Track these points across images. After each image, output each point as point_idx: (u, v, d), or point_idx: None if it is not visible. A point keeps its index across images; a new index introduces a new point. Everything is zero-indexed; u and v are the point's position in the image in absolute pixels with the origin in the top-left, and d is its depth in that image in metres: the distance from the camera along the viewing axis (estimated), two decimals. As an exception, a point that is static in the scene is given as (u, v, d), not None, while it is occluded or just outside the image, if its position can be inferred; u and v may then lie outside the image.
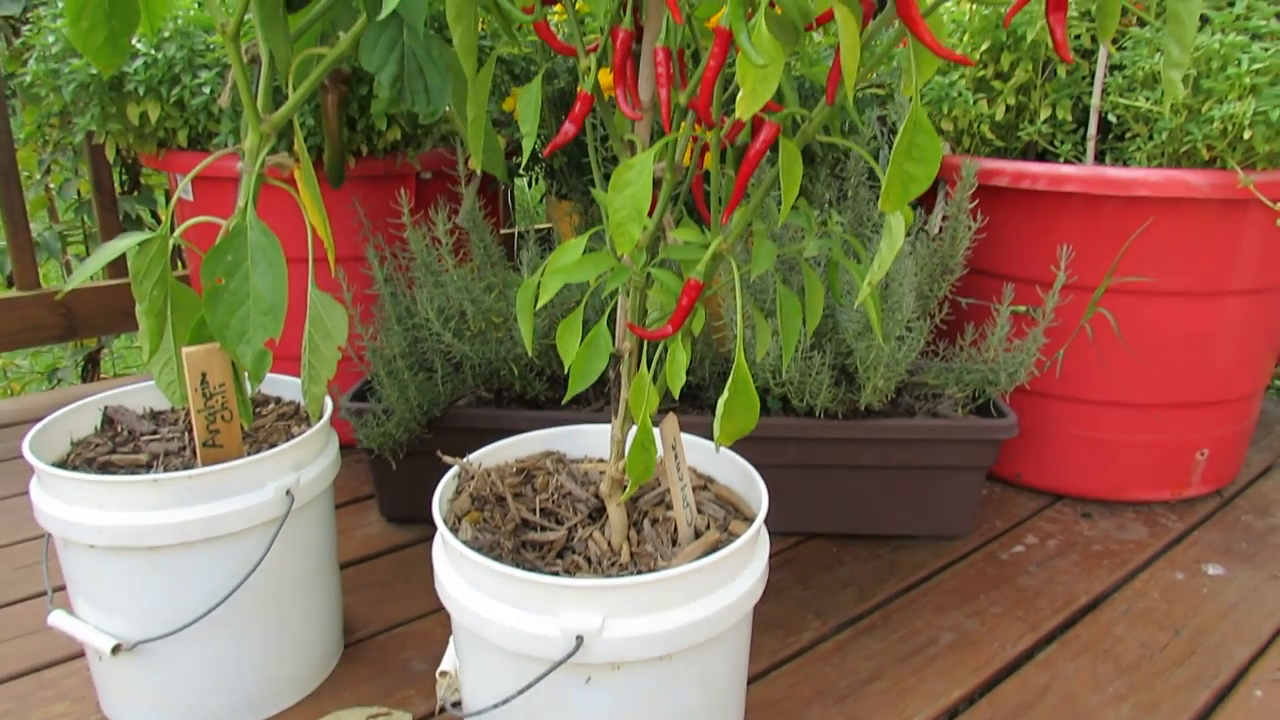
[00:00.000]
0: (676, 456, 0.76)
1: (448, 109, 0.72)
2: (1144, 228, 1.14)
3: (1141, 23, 1.20)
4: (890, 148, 0.67)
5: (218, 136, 1.26)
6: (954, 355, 1.14)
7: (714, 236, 0.61)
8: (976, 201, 1.18)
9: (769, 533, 0.79)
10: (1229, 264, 1.18)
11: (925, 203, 1.26)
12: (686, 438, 0.85)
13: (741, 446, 1.04)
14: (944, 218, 1.30)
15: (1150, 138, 1.14)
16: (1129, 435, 1.27)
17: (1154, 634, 1.03)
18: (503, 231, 1.54)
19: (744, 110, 0.48)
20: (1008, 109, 1.25)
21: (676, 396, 0.61)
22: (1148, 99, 1.12)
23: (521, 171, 1.41)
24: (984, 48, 1.23)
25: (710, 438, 0.67)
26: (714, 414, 0.61)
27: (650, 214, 0.64)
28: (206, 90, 1.21)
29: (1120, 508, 1.30)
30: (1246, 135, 1.06)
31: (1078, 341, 1.23)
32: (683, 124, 0.61)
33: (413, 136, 1.29)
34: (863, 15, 0.53)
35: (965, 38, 1.23)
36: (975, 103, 1.23)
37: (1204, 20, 1.13)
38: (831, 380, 1.06)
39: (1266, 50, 1.06)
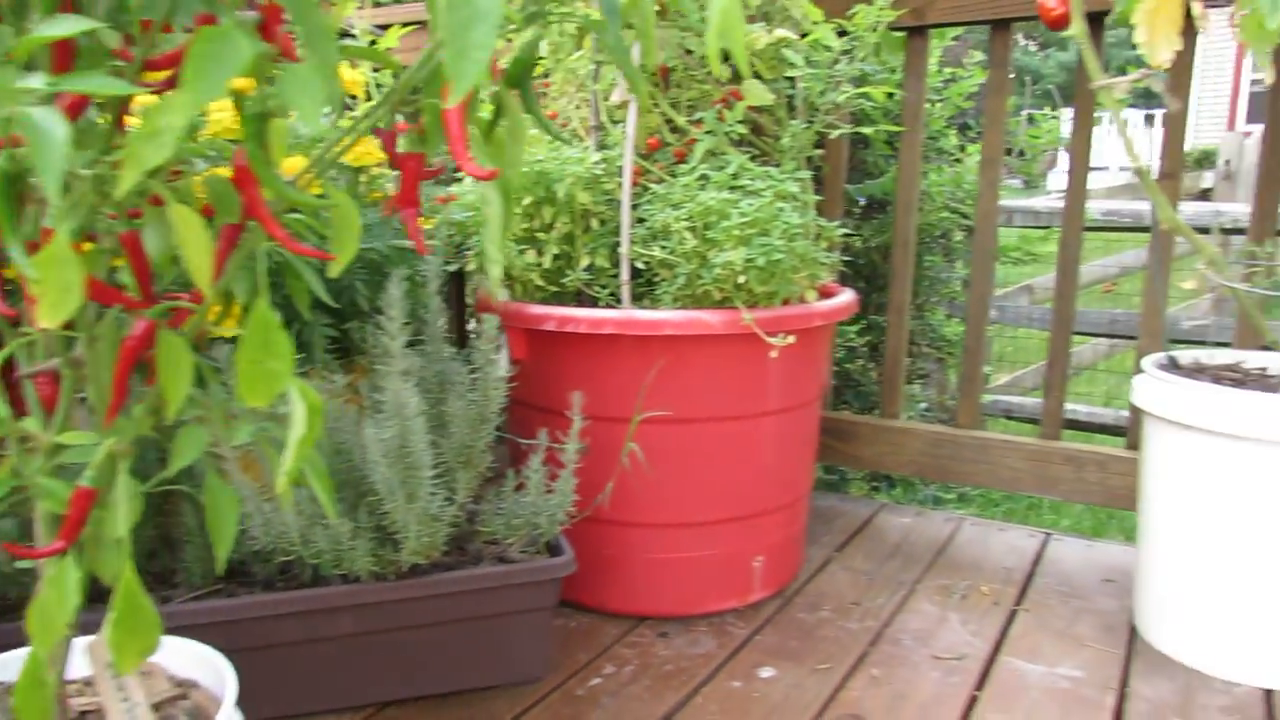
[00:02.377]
0: (109, 676, 0.69)
1: None
2: (660, 364, 1.25)
3: (660, 179, 1.34)
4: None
5: None
6: (502, 499, 1.16)
7: (108, 437, 0.57)
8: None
9: (330, 712, 0.73)
10: (757, 389, 1.33)
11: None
12: (175, 640, 0.78)
13: (288, 623, 0.98)
14: (513, 361, 1.35)
15: (674, 282, 1.27)
16: (695, 552, 1.36)
17: (710, 747, 1.09)
18: None
19: (43, 320, 0.45)
20: (556, 257, 1.33)
21: (67, 624, 0.55)
22: (663, 248, 1.25)
23: None
24: (527, 202, 1.31)
25: (248, 622, 0.62)
26: (262, 592, 0.56)
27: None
28: None
29: (695, 622, 1.38)
30: (741, 280, 1.20)
31: (638, 470, 1.31)
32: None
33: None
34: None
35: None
36: (522, 253, 1.30)
37: (706, 179, 1.29)
38: (374, 541, 1.04)
39: (753, 206, 1.22)
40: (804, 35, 1.42)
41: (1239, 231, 1.57)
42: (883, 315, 1.96)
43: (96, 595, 0.69)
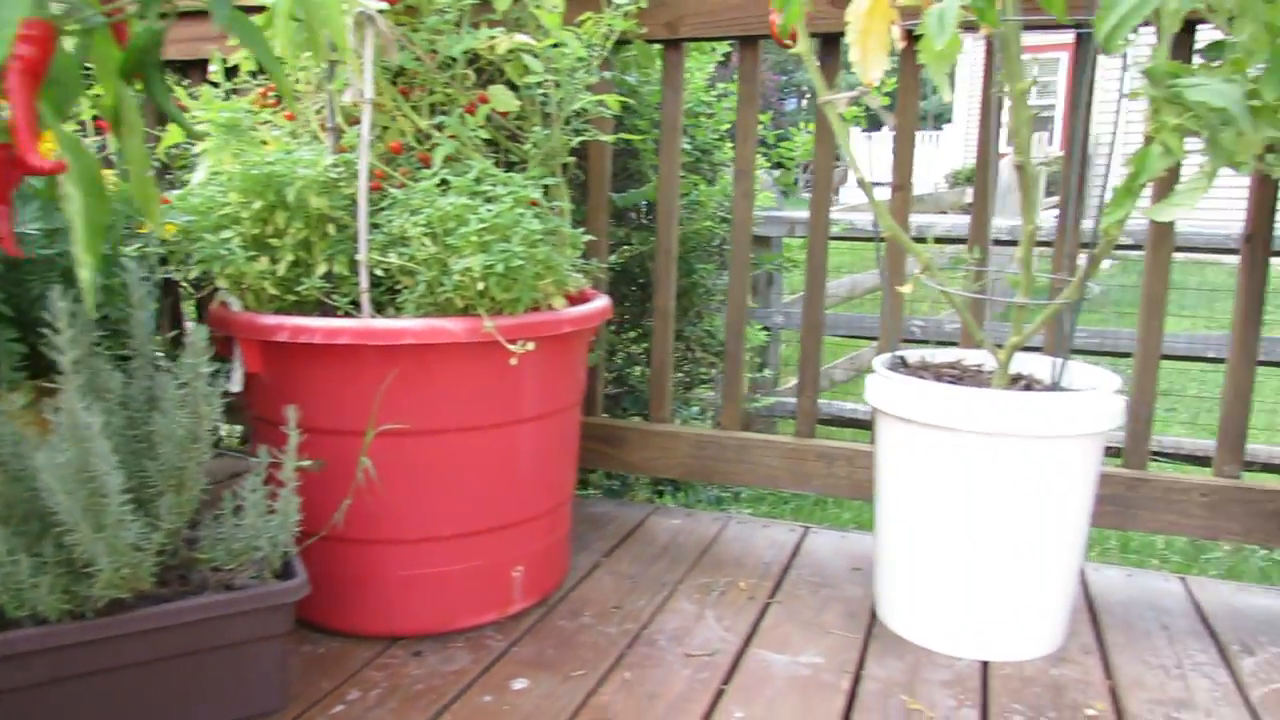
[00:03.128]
0: None
1: None
2: (397, 375, 1.21)
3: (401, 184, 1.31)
4: None
5: None
6: (219, 523, 1.09)
7: None
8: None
9: None
10: (509, 397, 1.31)
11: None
12: None
13: None
14: (247, 374, 1.27)
15: (415, 290, 1.23)
16: (450, 566, 1.33)
17: (453, 765, 1.06)
18: None
19: None
20: (294, 264, 1.27)
21: None
22: (401, 255, 1.22)
23: None
24: (257, 206, 1.24)
25: None
26: None
27: None
28: None
29: (452, 638, 1.34)
30: (482, 287, 1.19)
31: (384, 485, 1.26)
32: None
33: None
34: None
35: (234, 196, 1.24)
36: (253, 259, 1.23)
37: (447, 184, 1.27)
38: (66, 577, 0.94)
39: (492, 212, 1.20)
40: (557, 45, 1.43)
41: (959, 241, 1.71)
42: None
43: None
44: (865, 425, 3.97)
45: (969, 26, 1.18)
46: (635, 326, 2.26)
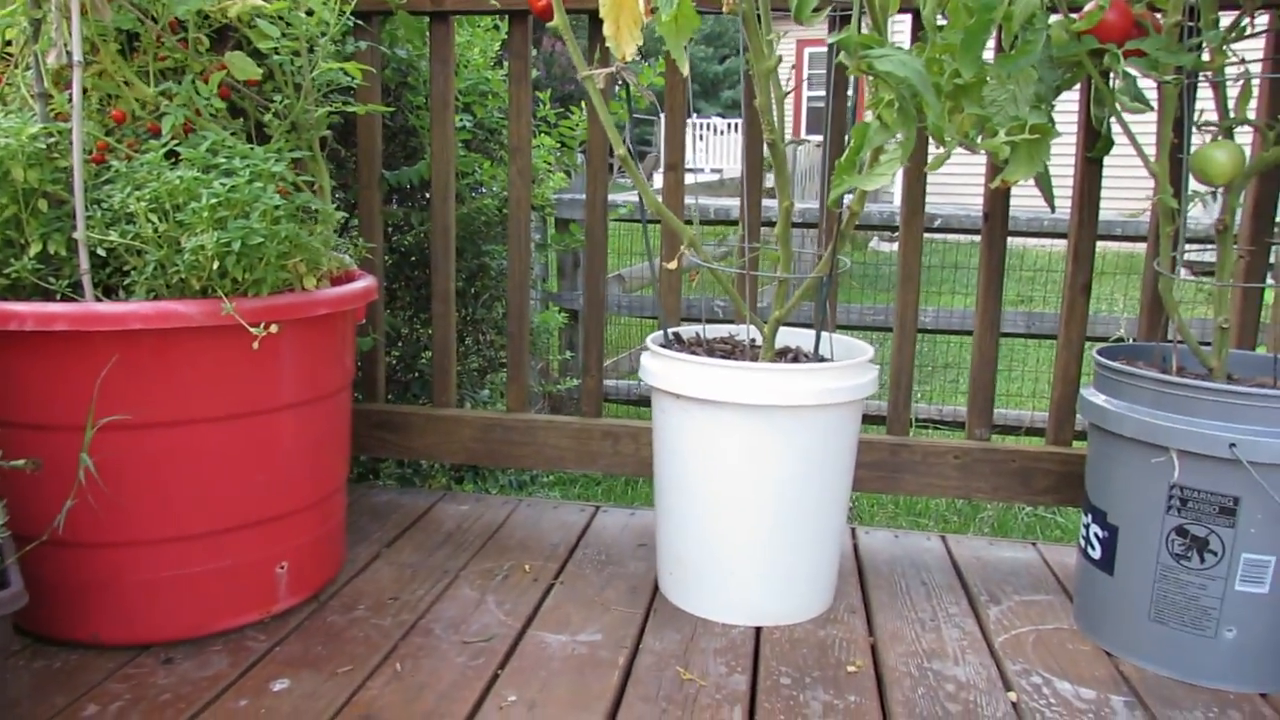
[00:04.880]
0: None
1: None
2: (151, 360, 1.12)
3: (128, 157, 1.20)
4: None
5: None
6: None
7: None
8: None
9: None
10: (263, 384, 1.23)
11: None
12: None
13: None
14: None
15: (144, 271, 1.14)
16: (203, 566, 1.24)
17: (198, 778, 0.99)
18: None
19: None
20: (3, 244, 1.14)
21: None
22: (125, 233, 1.12)
23: None
24: (-47, 181, 1.11)
25: None
26: None
27: None
28: None
29: (209, 642, 1.26)
30: (217, 265, 1.11)
31: (125, 481, 1.16)
32: None
33: None
34: None
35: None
36: (-54, 240, 1.10)
37: (177, 156, 1.17)
38: None
39: (226, 186, 1.12)
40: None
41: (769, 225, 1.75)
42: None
43: None
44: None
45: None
46: (425, 310, 2.19)
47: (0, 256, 1.15)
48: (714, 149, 13.08)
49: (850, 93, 1.62)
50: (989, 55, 1.07)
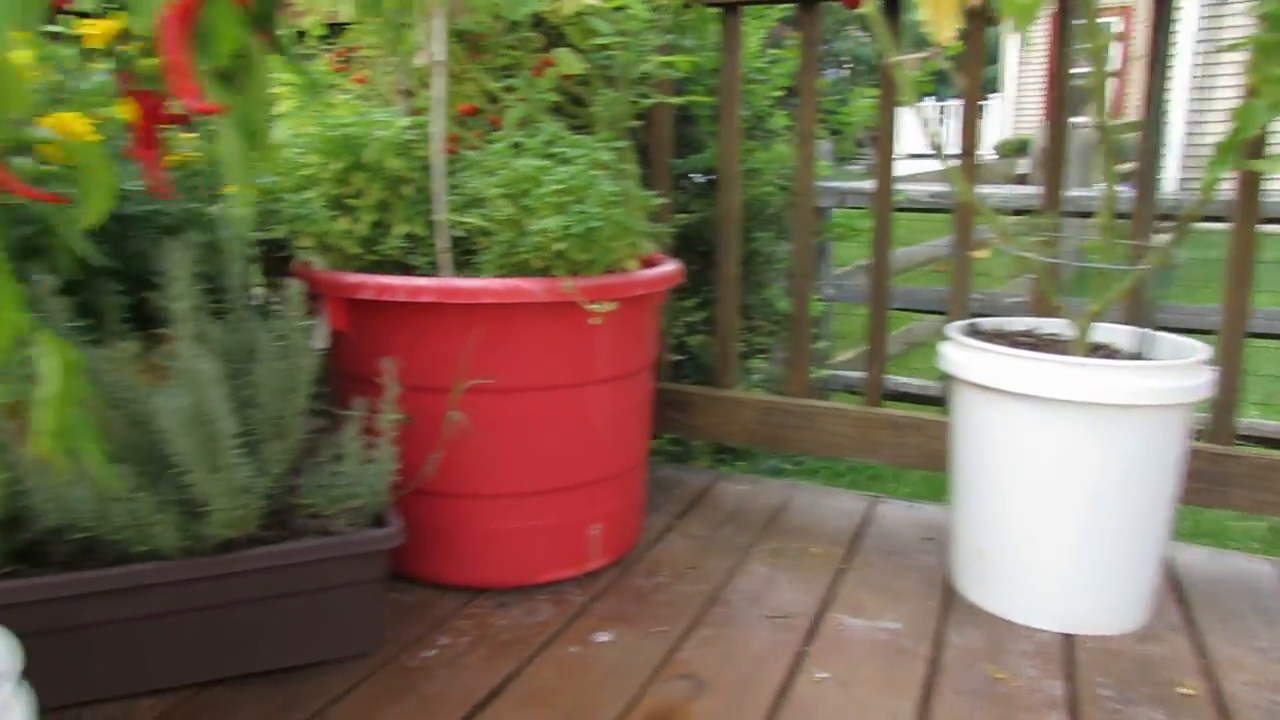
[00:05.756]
0: None
1: None
2: (497, 331, 1.23)
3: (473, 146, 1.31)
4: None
5: None
6: (321, 471, 1.12)
7: None
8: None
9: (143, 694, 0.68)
10: (584, 358, 1.32)
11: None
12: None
13: (93, 603, 0.99)
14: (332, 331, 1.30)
15: (493, 250, 1.25)
16: (530, 522, 1.35)
17: (540, 713, 1.08)
18: None
19: None
20: (376, 225, 1.29)
21: None
22: (480, 216, 1.23)
23: None
24: (338, 167, 1.26)
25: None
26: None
27: None
28: None
29: (534, 591, 1.37)
30: (557, 247, 1.19)
31: (469, 440, 1.28)
32: None
33: None
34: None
35: (313, 157, 1.26)
36: (335, 219, 1.25)
37: (520, 146, 1.27)
38: (181, 516, 0.98)
39: (567, 173, 1.21)
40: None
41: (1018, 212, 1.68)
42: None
43: None
44: (919, 400, 3.92)
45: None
46: (695, 294, 2.25)
47: (370, 235, 1.30)
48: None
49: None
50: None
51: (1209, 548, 1.62)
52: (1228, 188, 1.46)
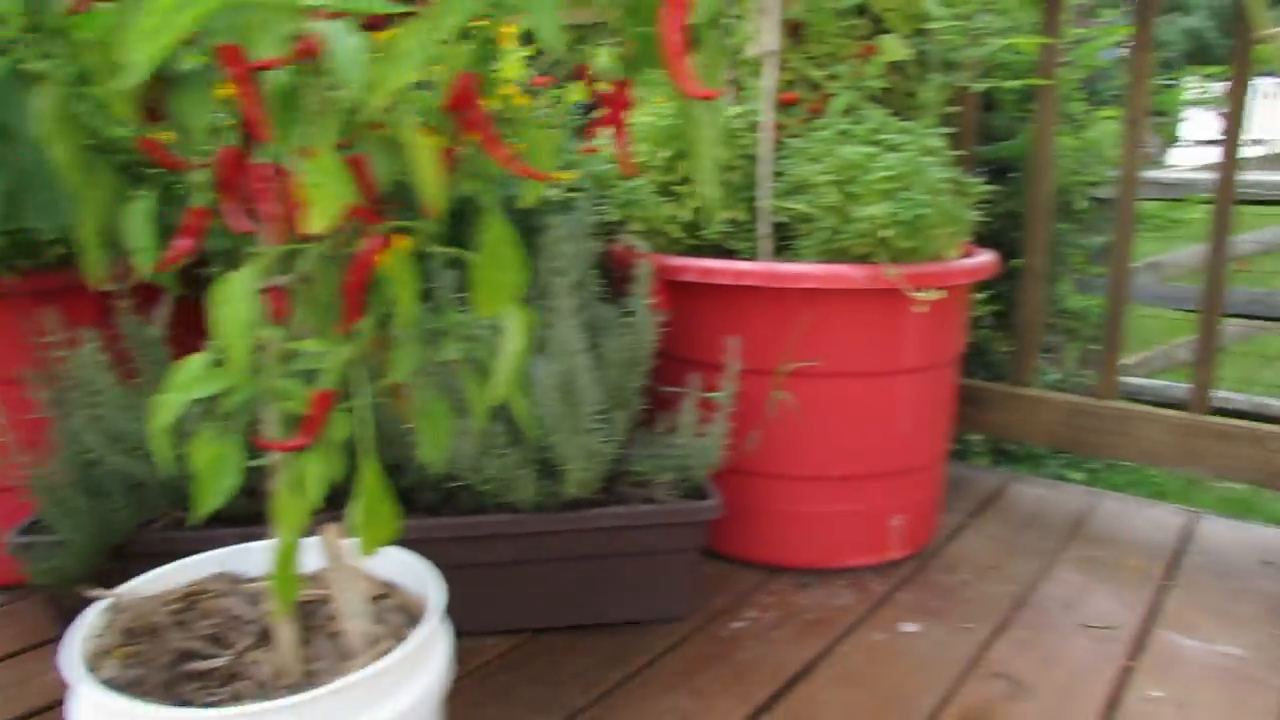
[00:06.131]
0: (341, 567, 0.74)
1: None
2: (812, 316, 1.25)
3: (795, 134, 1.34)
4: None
5: None
6: (652, 443, 1.19)
7: (343, 345, 0.61)
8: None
9: (487, 634, 0.78)
10: (896, 346, 1.32)
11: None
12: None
13: (451, 547, 1.03)
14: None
15: (814, 236, 1.27)
16: (833, 506, 1.36)
17: (855, 695, 1.09)
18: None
19: (309, 225, 0.49)
20: (697, 210, 1.35)
21: (315, 509, 0.60)
22: (805, 202, 1.25)
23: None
24: (667, 155, 1.33)
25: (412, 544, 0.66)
26: (427, 517, 0.61)
27: (281, 324, 0.64)
28: None
29: (832, 575, 1.38)
30: (883, 234, 1.20)
31: (779, 422, 1.31)
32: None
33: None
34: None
35: (643, 146, 1.33)
36: (660, 205, 1.32)
37: (845, 133, 1.28)
38: (537, 474, 1.08)
39: (896, 160, 1.21)
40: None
41: None
42: (1008, 284, 1.91)
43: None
44: (1219, 413, 3.53)
45: None
46: (986, 286, 2.17)
47: (694, 220, 1.36)
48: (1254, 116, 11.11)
49: None
50: None
51: None
52: None
